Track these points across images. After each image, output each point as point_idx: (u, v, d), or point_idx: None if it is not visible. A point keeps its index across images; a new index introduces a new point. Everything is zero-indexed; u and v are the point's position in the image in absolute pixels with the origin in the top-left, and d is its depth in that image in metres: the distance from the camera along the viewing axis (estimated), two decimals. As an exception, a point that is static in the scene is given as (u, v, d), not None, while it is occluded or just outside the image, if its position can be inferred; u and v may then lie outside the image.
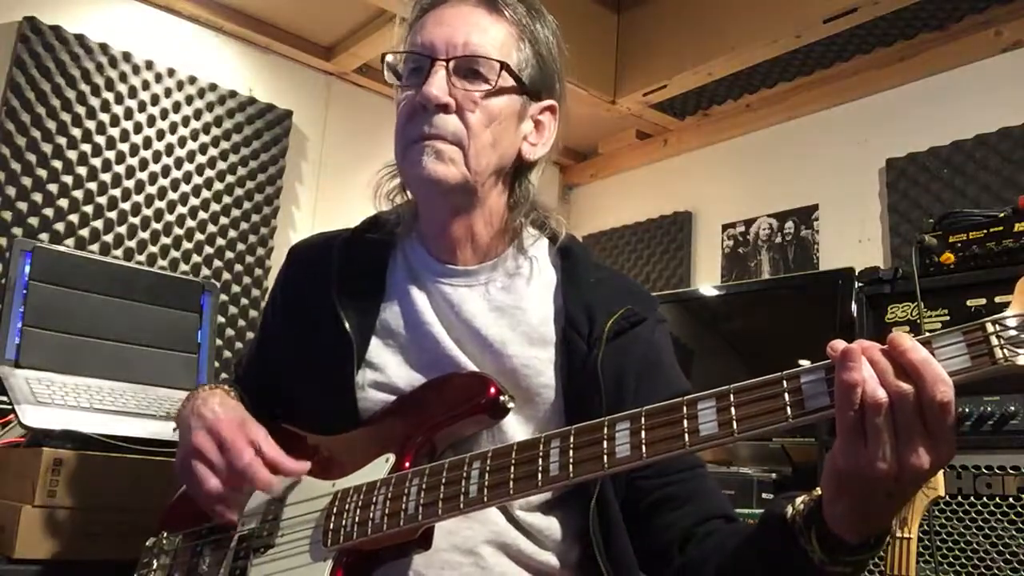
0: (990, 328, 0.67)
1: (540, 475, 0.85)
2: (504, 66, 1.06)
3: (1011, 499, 1.44)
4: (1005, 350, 0.66)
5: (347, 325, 1.09)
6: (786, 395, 0.74)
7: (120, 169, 2.72)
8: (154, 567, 1.14)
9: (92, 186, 2.66)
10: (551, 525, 1.05)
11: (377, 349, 1.10)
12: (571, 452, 0.83)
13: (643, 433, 0.80)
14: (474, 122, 1.05)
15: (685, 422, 0.78)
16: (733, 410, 0.75)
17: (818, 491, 0.79)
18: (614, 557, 1.03)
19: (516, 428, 1.04)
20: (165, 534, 1.16)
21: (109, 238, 2.68)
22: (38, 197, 2.55)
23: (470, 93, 1.05)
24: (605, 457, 0.81)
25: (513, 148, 1.10)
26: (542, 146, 1.13)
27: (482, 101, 1.05)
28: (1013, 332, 0.67)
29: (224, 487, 1.01)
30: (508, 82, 1.07)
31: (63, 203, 2.60)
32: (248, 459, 1.01)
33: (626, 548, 1.04)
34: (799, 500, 0.83)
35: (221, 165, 2.95)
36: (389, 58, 1.13)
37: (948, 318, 1.63)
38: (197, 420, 1.07)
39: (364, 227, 1.21)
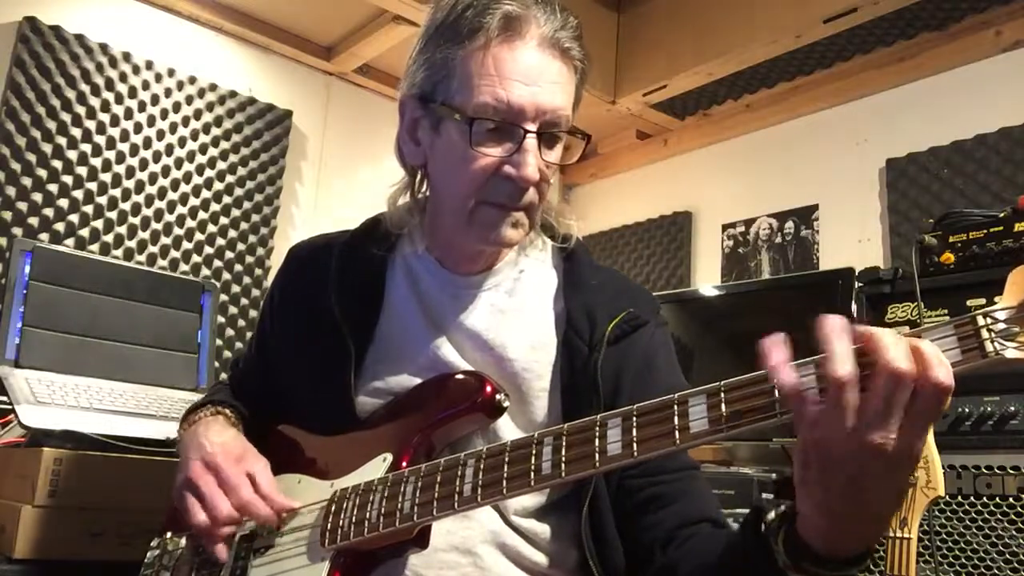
0: (981, 321, 0.67)
1: (533, 474, 0.85)
2: (587, 137, 1.07)
3: (1011, 499, 1.44)
4: (996, 343, 0.66)
5: (345, 331, 1.09)
6: (775, 392, 0.73)
7: (120, 169, 2.72)
8: (158, 567, 1.14)
9: (92, 186, 2.66)
10: (546, 530, 1.05)
11: (375, 355, 1.10)
12: (563, 450, 0.84)
13: (634, 431, 0.80)
14: (546, 189, 1.06)
15: (676, 419, 0.78)
16: (723, 407, 0.75)
17: None
18: (606, 562, 1.02)
19: (512, 430, 1.04)
20: (169, 534, 1.16)
21: (109, 238, 2.68)
22: (38, 197, 2.55)
23: (550, 164, 1.04)
24: (597, 455, 0.81)
25: None
26: (557, 168, 1.12)
27: (554, 166, 1.05)
28: (1003, 325, 0.67)
29: (215, 522, 1.01)
30: (576, 140, 1.07)
31: (63, 203, 2.60)
32: (247, 496, 1.02)
33: (618, 553, 1.03)
34: (785, 505, 0.81)
35: (221, 165, 2.95)
36: (474, 105, 0.99)
37: (948, 318, 1.63)
38: (196, 451, 1.08)
39: (364, 230, 1.20)
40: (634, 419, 0.80)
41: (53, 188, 2.58)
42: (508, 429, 1.04)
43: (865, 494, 0.70)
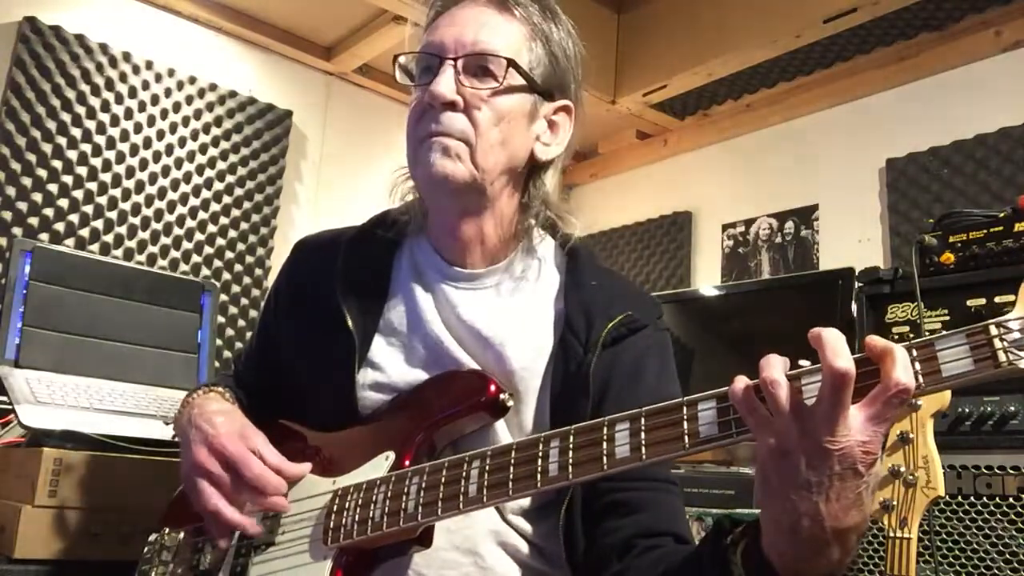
0: (993, 331, 0.67)
1: (539, 475, 0.84)
2: (512, 63, 1.05)
3: (1011, 499, 1.44)
4: (1009, 353, 0.66)
5: (350, 324, 1.09)
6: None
7: (120, 169, 2.72)
8: (156, 563, 1.14)
9: (92, 186, 2.66)
10: (541, 530, 1.05)
11: (379, 349, 1.10)
12: (571, 452, 0.83)
13: (643, 434, 0.79)
14: (482, 120, 1.04)
15: (685, 423, 0.77)
16: (732, 411, 0.75)
17: None
18: (577, 565, 1.02)
19: (503, 428, 1.04)
20: (167, 530, 1.16)
21: (109, 238, 2.67)
22: (38, 197, 2.55)
23: (478, 91, 1.04)
24: (605, 458, 0.81)
25: (524, 148, 1.10)
26: (556, 146, 1.13)
27: (490, 99, 1.05)
28: (1017, 335, 0.66)
29: (231, 504, 1.01)
30: (517, 80, 1.07)
31: (63, 203, 2.60)
32: (258, 470, 1.02)
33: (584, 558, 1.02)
34: (749, 521, 0.80)
35: (221, 165, 2.95)
36: (401, 59, 1.14)
37: (948, 318, 1.63)
38: (196, 432, 1.07)
39: (371, 225, 1.20)
40: (642, 421, 0.80)
41: (53, 188, 2.58)
42: (500, 427, 1.04)
43: (828, 505, 0.70)
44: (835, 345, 0.68)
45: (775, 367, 0.71)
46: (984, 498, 1.46)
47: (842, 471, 0.69)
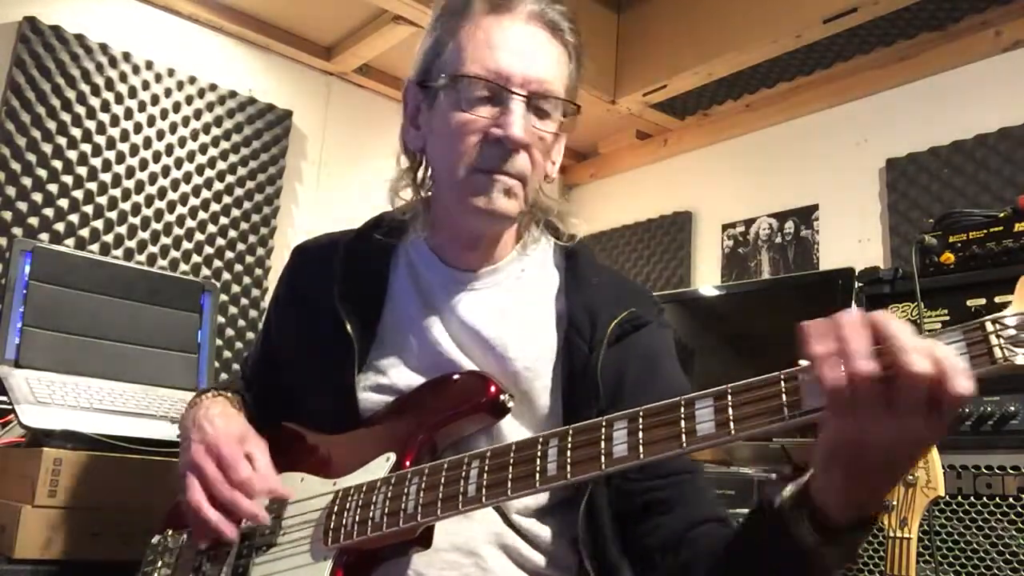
0: (989, 327, 0.67)
1: (538, 475, 0.84)
2: (576, 108, 1.07)
3: (1011, 499, 1.44)
4: (1005, 350, 0.66)
5: (349, 327, 1.09)
6: (783, 395, 0.73)
7: (120, 169, 2.72)
8: (158, 565, 1.14)
9: (92, 186, 2.66)
10: (547, 531, 1.05)
11: (378, 352, 1.10)
12: (569, 452, 0.83)
13: (640, 433, 0.79)
14: (539, 160, 1.06)
15: (682, 422, 0.77)
16: (730, 410, 0.75)
17: (805, 477, 0.78)
18: (604, 566, 1.02)
19: (513, 429, 1.04)
20: (169, 532, 1.16)
21: (109, 238, 2.67)
22: (38, 197, 2.55)
23: (540, 132, 1.04)
24: (603, 457, 0.81)
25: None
26: (558, 157, 1.14)
27: (547, 138, 1.06)
28: (1012, 331, 0.66)
29: (216, 505, 1.01)
30: (567, 117, 1.08)
31: (63, 203, 2.60)
32: (246, 474, 1.02)
33: (614, 556, 1.03)
34: (787, 490, 0.80)
35: (221, 165, 2.95)
36: (457, 72, 1.03)
37: (948, 318, 1.63)
38: (197, 432, 1.07)
39: (368, 228, 1.20)
40: (640, 421, 0.80)
41: (53, 188, 2.58)
42: (509, 428, 1.04)
43: (888, 474, 0.74)
44: (909, 345, 0.65)
45: (868, 358, 0.67)
46: (984, 498, 1.46)
47: (912, 455, 0.73)
